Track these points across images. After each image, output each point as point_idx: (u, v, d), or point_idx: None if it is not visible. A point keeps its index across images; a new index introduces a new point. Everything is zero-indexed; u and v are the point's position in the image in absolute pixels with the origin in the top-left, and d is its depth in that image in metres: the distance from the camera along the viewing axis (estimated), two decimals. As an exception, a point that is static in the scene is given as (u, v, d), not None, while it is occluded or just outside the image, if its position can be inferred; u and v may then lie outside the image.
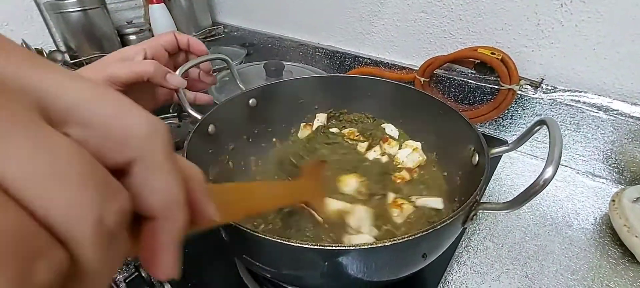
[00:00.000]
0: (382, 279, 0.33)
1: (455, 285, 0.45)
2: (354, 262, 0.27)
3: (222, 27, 1.26)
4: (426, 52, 0.77)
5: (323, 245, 0.25)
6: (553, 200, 0.58)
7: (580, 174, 0.64)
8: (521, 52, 0.65)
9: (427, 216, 0.45)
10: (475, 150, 0.39)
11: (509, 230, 0.53)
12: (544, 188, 0.26)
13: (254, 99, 0.53)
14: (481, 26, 0.68)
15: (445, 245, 0.32)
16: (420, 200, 0.47)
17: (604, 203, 0.56)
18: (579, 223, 0.53)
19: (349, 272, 0.27)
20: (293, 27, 1.03)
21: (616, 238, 0.50)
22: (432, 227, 0.27)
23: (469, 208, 0.30)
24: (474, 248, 0.50)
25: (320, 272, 0.28)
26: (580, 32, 0.58)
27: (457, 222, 0.30)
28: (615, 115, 0.58)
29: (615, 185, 0.61)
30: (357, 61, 0.89)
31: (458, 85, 0.73)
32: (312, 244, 0.25)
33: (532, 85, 0.65)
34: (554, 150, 0.27)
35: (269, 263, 0.31)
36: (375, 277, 0.31)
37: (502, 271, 0.47)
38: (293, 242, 0.25)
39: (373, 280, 0.32)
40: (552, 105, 0.63)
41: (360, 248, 0.25)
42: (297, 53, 1.03)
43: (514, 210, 0.28)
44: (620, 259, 0.48)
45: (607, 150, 0.60)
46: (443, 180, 0.50)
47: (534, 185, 0.26)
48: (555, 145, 0.27)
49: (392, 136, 0.58)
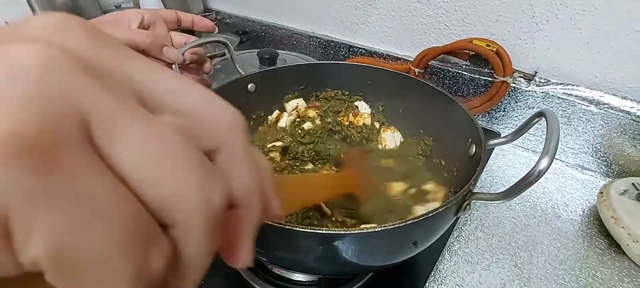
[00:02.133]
0: (374, 264, 0.33)
1: (446, 273, 0.46)
2: (347, 247, 0.27)
3: (215, 13, 1.23)
4: (421, 43, 0.77)
5: (317, 229, 0.25)
6: (543, 191, 0.59)
7: (570, 167, 0.65)
8: (516, 44, 0.65)
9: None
10: (472, 142, 0.39)
11: (500, 221, 0.53)
12: (539, 179, 0.26)
13: (253, 83, 0.52)
14: (476, 17, 0.68)
15: (437, 234, 0.32)
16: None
17: (593, 195, 0.57)
18: (567, 214, 0.54)
19: (342, 256, 0.28)
20: (287, 15, 1.01)
21: (603, 230, 0.51)
22: (424, 215, 0.27)
23: (462, 198, 0.30)
24: (465, 238, 0.50)
25: (314, 256, 0.28)
26: (575, 25, 0.58)
27: (450, 212, 0.30)
28: (605, 108, 0.58)
29: (603, 177, 0.62)
30: (352, 51, 0.89)
31: (452, 77, 0.73)
32: (307, 228, 0.25)
33: (526, 78, 0.66)
34: (551, 141, 0.27)
35: (262, 246, 0.31)
36: (366, 261, 0.32)
37: (492, 260, 0.47)
38: (289, 226, 0.25)
39: (364, 265, 0.32)
40: (544, 98, 0.64)
41: (353, 232, 0.25)
42: (291, 42, 1.02)
43: (507, 200, 0.28)
44: (607, 250, 0.49)
45: (596, 144, 0.61)
46: (442, 169, 0.50)
47: (529, 176, 0.26)
48: (552, 137, 0.27)
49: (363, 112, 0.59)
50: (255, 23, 1.10)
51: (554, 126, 0.28)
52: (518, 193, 0.28)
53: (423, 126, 0.54)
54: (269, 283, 0.40)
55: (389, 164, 0.50)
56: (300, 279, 0.40)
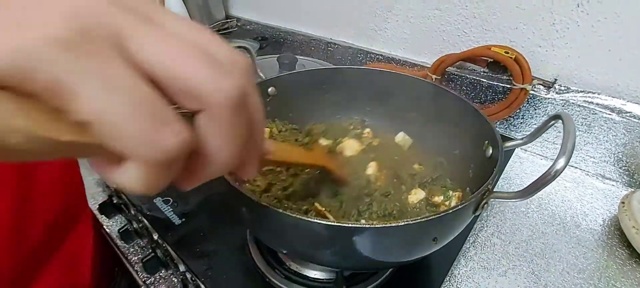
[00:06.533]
0: (394, 260, 0.34)
1: (461, 279, 0.46)
2: (366, 241, 0.28)
3: (236, 20, 1.27)
4: (439, 50, 0.77)
5: (337, 223, 0.26)
6: (562, 200, 0.58)
7: (590, 176, 0.64)
8: (535, 51, 0.65)
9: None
10: (489, 144, 0.40)
11: (517, 228, 0.53)
12: (555, 179, 0.27)
13: (273, 87, 0.54)
14: (495, 24, 0.68)
15: (456, 231, 0.33)
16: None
17: (613, 205, 0.57)
18: (587, 224, 0.54)
19: (360, 251, 0.29)
20: (306, 22, 1.04)
21: (624, 240, 0.50)
22: (445, 211, 0.28)
23: (481, 196, 0.31)
24: (481, 244, 0.51)
25: (332, 249, 0.30)
26: (596, 32, 0.58)
27: (469, 209, 0.31)
28: (628, 117, 0.57)
29: (625, 187, 0.60)
30: (369, 57, 0.90)
31: (470, 84, 0.73)
32: (323, 221, 0.26)
33: (545, 85, 0.65)
34: (567, 142, 0.27)
35: (281, 238, 0.33)
36: (387, 257, 0.33)
37: (509, 267, 0.47)
38: (307, 217, 0.27)
39: (385, 260, 0.33)
40: (564, 105, 0.63)
41: (374, 226, 0.27)
42: (309, 48, 1.04)
43: (524, 199, 0.29)
44: (628, 260, 0.48)
45: (618, 153, 0.60)
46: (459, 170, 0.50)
47: (546, 175, 0.27)
48: (568, 138, 0.27)
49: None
50: (274, 29, 1.13)
51: (570, 127, 0.28)
52: (535, 192, 0.28)
53: (438, 129, 0.54)
54: (288, 279, 0.41)
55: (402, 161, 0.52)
56: (318, 277, 0.41)
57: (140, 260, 0.46)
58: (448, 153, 0.51)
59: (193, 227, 0.49)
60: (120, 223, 0.54)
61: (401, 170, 0.49)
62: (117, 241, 0.51)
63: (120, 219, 0.55)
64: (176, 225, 0.49)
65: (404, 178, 0.48)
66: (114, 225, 0.54)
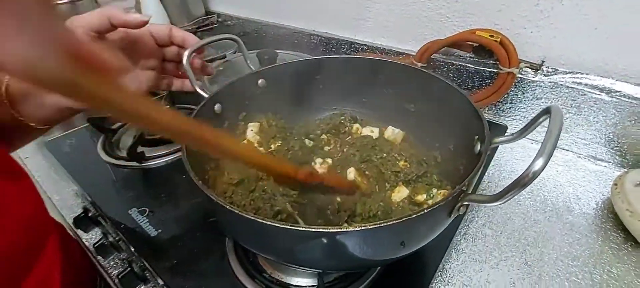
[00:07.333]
0: (361, 263, 0.32)
1: (453, 273, 0.44)
2: (333, 244, 0.27)
3: (216, 16, 1.23)
4: (423, 37, 0.75)
5: (302, 228, 0.25)
6: (554, 185, 0.56)
7: (582, 158, 0.62)
8: (520, 33, 0.63)
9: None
10: (478, 139, 0.38)
11: (508, 217, 0.51)
12: (533, 181, 0.25)
13: (263, 79, 0.51)
14: (478, 8, 0.66)
15: (431, 234, 0.31)
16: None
17: (606, 187, 0.55)
18: (580, 208, 0.52)
19: (329, 252, 0.28)
20: (288, 15, 1.01)
21: (618, 223, 0.48)
22: (408, 216, 0.26)
23: (454, 199, 0.29)
24: (472, 236, 0.49)
25: (300, 251, 0.28)
26: (581, 11, 0.56)
27: (441, 212, 0.29)
28: (618, 96, 0.56)
29: (617, 168, 0.59)
30: (353, 48, 0.87)
31: (456, 70, 0.71)
32: (287, 225, 0.25)
33: (532, 67, 0.63)
34: (548, 142, 0.25)
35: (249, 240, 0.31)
36: (352, 260, 0.31)
37: (501, 258, 0.46)
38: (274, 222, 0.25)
39: (360, 260, 0.31)
40: (552, 88, 0.61)
41: (338, 231, 0.25)
42: (292, 41, 1.01)
43: (500, 203, 0.27)
44: (623, 244, 0.46)
45: (609, 133, 0.59)
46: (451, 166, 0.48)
47: (523, 177, 0.25)
48: (550, 138, 0.26)
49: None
50: (255, 24, 1.10)
51: (555, 126, 0.27)
52: (511, 196, 0.26)
53: (428, 120, 0.51)
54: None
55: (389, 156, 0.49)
56: (300, 284, 0.39)
57: (117, 276, 0.44)
58: (442, 148, 0.49)
59: (170, 237, 0.47)
60: (97, 237, 0.51)
61: (385, 167, 0.47)
62: (96, 255, 0.49)
63: (98, 232, 0.53)
64: (152, 237, 0.47)
65: (387, 175, 0.46)
66: (93, 237, 0.51)
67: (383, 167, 0.47)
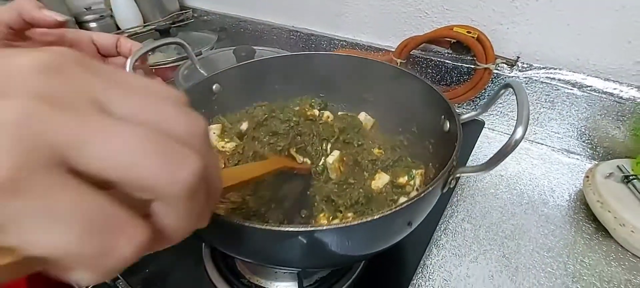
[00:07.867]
0: (371, 251, 0.33)
1: (433, 268, 0.45)
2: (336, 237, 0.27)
3: (191, 11, 1.19)
4: (402, 33, 0.75)
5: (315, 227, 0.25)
6: (529, 178, 0.58)
7: (556, 151, 0.64)
8: (496, 29, 0.64)
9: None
10: (446, 118, 0.40)
11: (487, 211, 0.52)
12: (515, 148, 0.27)
13: (218, 84, 0.49)
14: (456, 3, 0.66)
15: (427, 211, 0.33)
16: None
17: (579, 179, 0.57)
18: (554, 200, 0.54)
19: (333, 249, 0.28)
20: (266, 10, 0.98)
21: (590, 214, 0.50)
22: (417, 196, 0.27)
23: (447, 173, 0.30)
24: (452, 231, 0.49)
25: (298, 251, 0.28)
26: (555, 7, 0.57)
27: (438, 189, 0.30)
28: (589, 91, 0.57)
29: (589, 161, 0.61)
30: (333, 44, 0.86)
31: (435, 66, 0.72)
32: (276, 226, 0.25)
33: (508, 63, 0.64)
34: (522, 111, 0.28)
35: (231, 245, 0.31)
36: (364, 249, 0.32)
37: (480, 252, 0.46)
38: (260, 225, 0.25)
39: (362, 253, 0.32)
40: (527, 83, 0.63)
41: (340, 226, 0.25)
42: (270, 37, 0.99)
43: (489, 171, 0.30)
44: (594, 234, 0.48)
45: (581, 127, 0.61)
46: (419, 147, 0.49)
47: (507, 146, 0.27)
48: (523, 107, 0.28)
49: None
50: (233, 19, 1.07)
51: (523, 96, 0.29)
52: (497, 163, 0.29)
53: (396, 108, 0.51)
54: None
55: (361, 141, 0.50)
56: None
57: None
58: (406, 132, 0.50)
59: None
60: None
61: (361, 156, 0.47)
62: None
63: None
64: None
65: (364, 164, 0.45)
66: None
67: (359, 156, 0.47)
